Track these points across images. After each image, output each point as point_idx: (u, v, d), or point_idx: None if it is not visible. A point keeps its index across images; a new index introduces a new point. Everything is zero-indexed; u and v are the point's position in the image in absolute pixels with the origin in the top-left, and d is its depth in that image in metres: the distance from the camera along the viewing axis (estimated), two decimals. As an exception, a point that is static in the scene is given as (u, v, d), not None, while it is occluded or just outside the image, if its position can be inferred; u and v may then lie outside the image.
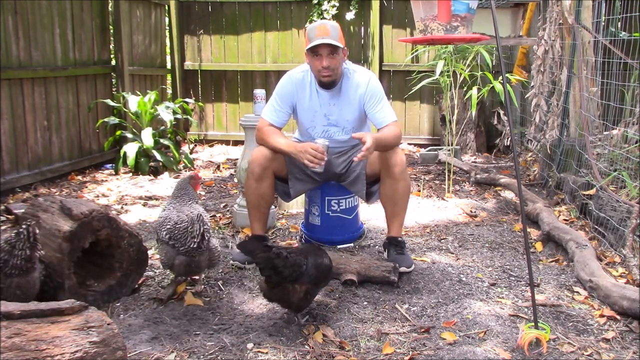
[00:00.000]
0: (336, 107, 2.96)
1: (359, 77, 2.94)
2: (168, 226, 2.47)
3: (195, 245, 2.40)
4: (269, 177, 2.93)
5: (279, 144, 2.87)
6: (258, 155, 2.92)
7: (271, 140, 2.90)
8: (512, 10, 4.52)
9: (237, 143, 6.79)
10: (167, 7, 6.75)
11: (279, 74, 3.13)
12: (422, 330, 2.27)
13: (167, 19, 6.84)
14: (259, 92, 3.54)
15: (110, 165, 5.44)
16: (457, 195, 4.40)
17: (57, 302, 1.69)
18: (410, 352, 2.10)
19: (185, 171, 5.37)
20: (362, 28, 6.58)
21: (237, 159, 5.69)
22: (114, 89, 5.76)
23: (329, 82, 2.88)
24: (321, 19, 6.33)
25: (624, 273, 2.74)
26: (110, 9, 5.69)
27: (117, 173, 5.18)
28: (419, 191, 4.43)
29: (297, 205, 3.87)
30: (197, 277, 2.63)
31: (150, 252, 2.73)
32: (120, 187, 4.73)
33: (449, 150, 4.95)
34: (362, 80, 2.93)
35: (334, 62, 2.82)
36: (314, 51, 2.81)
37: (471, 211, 3.95)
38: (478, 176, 4.76)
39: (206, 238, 2.44)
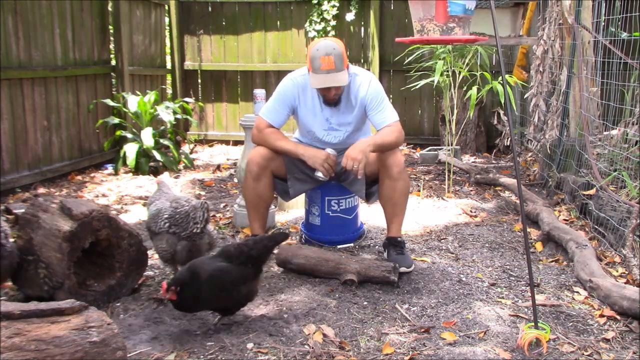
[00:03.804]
0: (337, 111, 2.96)
1: (359, 80, 2.94)
2: (166, 215, 2.57)
3: (198, 230, 2.53)
4: (267, 176, 2.94)
5: (289, 147, 2.90)
6: (256, 155, 2.92)
7: (279, 143, 2.91)
8: (512, 10, 4.51)
9: (237, 143, 6.79)
10: (167, 7, 6.75)
11: (279, 74, 3.13)
12: (422, 330, 2.27)
13: (167, 19, 6.84)
14: (259, 92, 3.54)
15: (110, 165, 5.44)
16: (457, 195, 4.40)
17: (57, 302, 1.69)
18: (410, 352, 2.10)
19: (186, 171, 5.37)
20: (362, 28, 6.58)
21: (237, 159, 5.69)
22: (114, 89, 5.76)
23: (335, 102, 2.91)
24: (321, 19, 6.34)
25: (624, 273, 2.74)
26: (110, 9, 5.69)
27: (117, 173, 5.18)
28: (419, 191, 4.43)
29: (297, 205, 3.87)
30: None
31: (150, 252, 2.73)
32: (120, 187, 4.73)
33: (448, 150, 4.95)
34: (363, 83, 2.93)
35: (341, 88, 2.85)
36: None
37: (471, 211, 3.95)
38: (478, 176, 4.76)
39: (208, 223, 2.60)
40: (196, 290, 2.14)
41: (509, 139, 4.50)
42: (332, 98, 2.87)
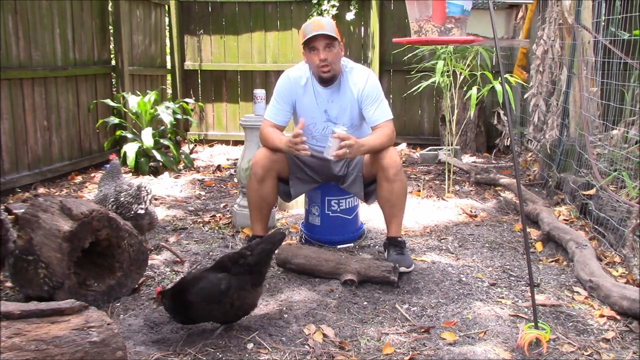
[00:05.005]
0: (335, 104, 2.96)
1: (357, 74, 2.94)
2: (112, 199, 2.85)
3: (142, 211, 2.87)
4: (271, 178, 2.94)
5: (275, 142, 2.90)
6: (261, 157, 2.92)
7: (270, 140, 2.92)
8: (506, 12, 4.54)
9: (237, 143, 6.79)
10: (167, 7, 6.75)
11: (279, 74, 3.14)
12: (422, 330, 2.27)
13: (167, 19, 6.84)
14: (259, 92, 3.55)
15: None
16: (457, 195, 4.39)
17: (57, 302, 1.68)
18: (410, 352, 2.10)
19: (186, 171, 5.37)
20: (362, 28, 6.58)
21: (237, 159, 5.69)
22: (114, 89, 5.76)
23: (329, 78, 2.88)
24: (321, 19, 6.34)
25: (624, 273, 2.74)
26: (110, 9, 5.69)
27: (117, 173, 5.17)
28: (419, 191, 4.43)
29: (297, 205, 3.87)
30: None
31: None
32: (120, 187, 4.72)
33: (448, 150, 4.95)
34: (360, 77, 2.93)
35: (331, 55, 2.83)
36: (310, 46, 2.82)
37: (471, 211, 3.95)
38: (478, 176, 4.76)
39: (149, 203, 2.94)
40: (186, 306, 2.14)
41: (509, 139, 4.50)
42: (324, 68, 2.83)
